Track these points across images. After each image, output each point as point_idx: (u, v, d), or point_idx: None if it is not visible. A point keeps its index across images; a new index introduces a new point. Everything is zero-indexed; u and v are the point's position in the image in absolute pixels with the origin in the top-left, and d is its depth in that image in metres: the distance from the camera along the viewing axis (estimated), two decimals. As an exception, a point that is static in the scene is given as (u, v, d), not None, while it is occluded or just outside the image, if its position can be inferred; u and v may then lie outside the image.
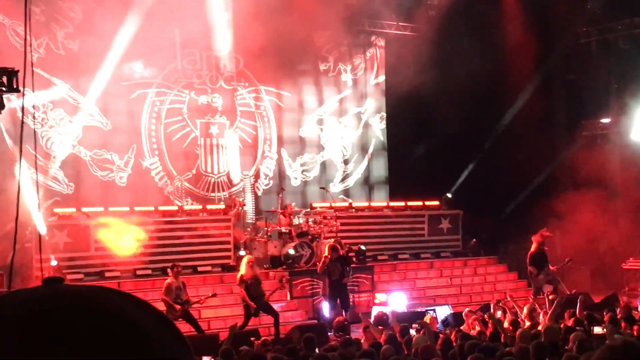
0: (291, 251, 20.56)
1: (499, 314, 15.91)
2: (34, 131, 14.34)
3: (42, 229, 17.98)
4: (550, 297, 19.40)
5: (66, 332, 1.50)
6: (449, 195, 25.08)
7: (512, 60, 22.50)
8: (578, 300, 16.05)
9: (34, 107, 19.28)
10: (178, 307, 15.96)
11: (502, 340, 11.67)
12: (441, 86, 24.22)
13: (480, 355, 8.50)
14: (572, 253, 22.15)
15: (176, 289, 16.10)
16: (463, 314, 15.54)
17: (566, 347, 9.64)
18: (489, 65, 23.12)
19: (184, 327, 16.48)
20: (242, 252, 20.23)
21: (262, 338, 14.10)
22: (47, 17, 20.82)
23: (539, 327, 12.83)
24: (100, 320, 1.53)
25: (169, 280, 16.26)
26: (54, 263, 18.51)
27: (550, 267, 20.54)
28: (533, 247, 20.63)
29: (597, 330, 12.53)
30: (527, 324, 14.26)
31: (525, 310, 15.59)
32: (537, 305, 16.19)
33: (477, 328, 14.06)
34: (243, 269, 17.16)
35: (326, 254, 18.85)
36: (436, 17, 25.06)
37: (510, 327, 13.30)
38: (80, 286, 1.66)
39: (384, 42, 26.98)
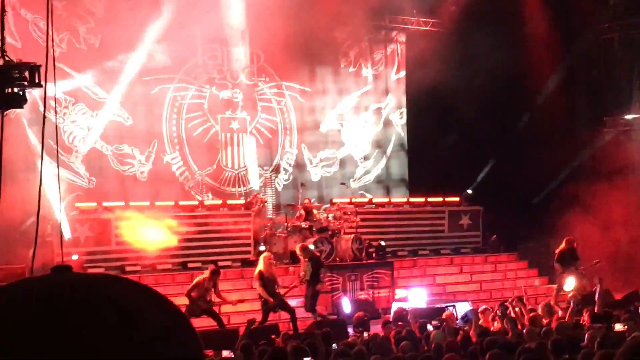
0: (311, 247, 20.55)
1: (516, 310, 15.85)
2: (56, 125, 14.38)
3: (65, 227, 18.15)
4: (570, 294, 19.38)
5: (66, 326, 1.50)
6: (470, 191, 25.01)
7: (534, 56, 22.38)
8: (596, 296, 15.93)
9: (55, 101, 19.41)
10: (202, 304, 16.10)
11: (516, 336, 11.62)
12: (462, 82, 24.16)
13: (500, 352, 8.48)
14: (594, 250, 22.02)
15: (204, 290, 16.21)
16: (479, 310, 15.49)
17: (582, 345, 9.59)
18: (510, 61, 23.00)
19: (205, 322, 16.57)
20: (262, 248, 20.25)
21: (283, 332, 14.11)
22: (69, 12, 20.89)
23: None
24: (106, 312, 1.54)
25: (201, 279, 16.35)
26: (75, 257, 18.62)
27: (579, 266, 20.39)
28: (562, 245, 20.48)
29: (618, 327, 12.45)
30: (545, 320, 14.18)
31: (540, 307, 15.52)
32: (553, 302, 16.11)
33: (497, 324, 14.02)
34: (262, 265, 17.16)
35: (299, 254, 18.07)
36: (457, 12, 24.98)
37: (527, 324, 13.25)
38: (88, 275, 1.66)
39: (404, 37, 26.95)
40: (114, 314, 1.54)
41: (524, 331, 12.06)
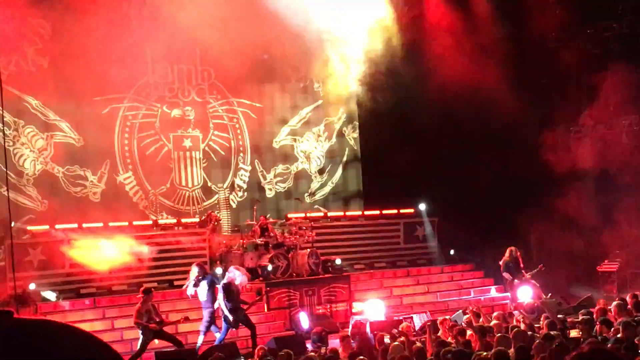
0: (266, 261, 20.53)
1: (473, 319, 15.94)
2: (4, 148, 14.22)
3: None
4: (525, 302, 19.60)
5: None
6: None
7: (485, 67, 22.54)
8: (549, 305, 16.10)
9: (4, 123, 19.16)
10: (153, 325, 15.91)
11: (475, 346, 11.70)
12: (414, 93, 24.28)
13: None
14: (548, 256, 22.29)
15: (147, 312, 16.04)
16: (438, 321, 15.56)
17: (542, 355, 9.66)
18: (461, 71, 23.15)
19: (162, 345, 16.45)
20: (218, 269, 20.09)
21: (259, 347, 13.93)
22: (16, 34, 20.68)
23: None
24: None
25: (138, 305, 16.17)
26: (32, 287, 18.39)
27: (524, 273, 20.75)
28: (506, 255, 20.92)
29: (573, 333, 12.59)
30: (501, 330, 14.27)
31: (495, 317, 15.62)
32: (511, 311, 16.24)
33: (453, 335, 14.08)
34: (229, 276, 17.06)
35: (195, 273, 17.31)
36: (407, 24, 25.10)
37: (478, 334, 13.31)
38: (27, 322, 1.67)
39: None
40: None
41: (484, 340, 12.14)
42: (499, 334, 12.34)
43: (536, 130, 24.03)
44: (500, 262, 21.15)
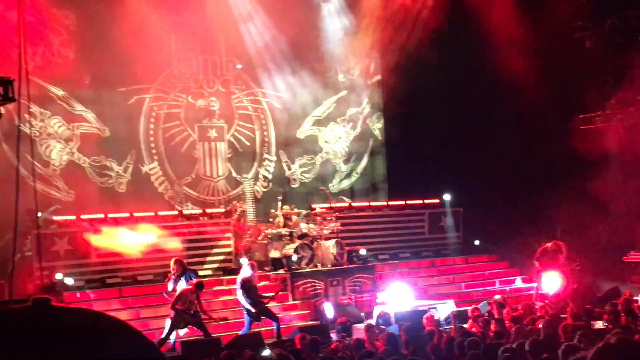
0: (291, 251, 20.56)
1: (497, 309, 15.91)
2: (31, 139, 14.32)
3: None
4: (552, 293, 19.50)
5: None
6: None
7: (508, 57, 22.39)
8: (577, 295, 16.02)
9: (30, 115, 19.29)
10: (186, 316, 16.02)
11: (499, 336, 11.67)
12: (439, 85, 24.21)
13: (479, 352, 8.51)
14: (574, 247, 22.13)
15: (188, 302, 16.13)
16: (469, 310, 15.52)
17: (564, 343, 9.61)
18: (485, 61, 23.04)
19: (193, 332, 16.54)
20: (243, 259, 20.18)
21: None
22: (42, 25, 20.80)
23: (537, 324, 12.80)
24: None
25: (185, 290, 16.23)
26: (59, 276, 18.51)
27: (554, 265, 20.54)
28: (549, 244, 20.60)
29: (598, 325, 12.53)
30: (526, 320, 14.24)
31: (521, 307, 15.59)
32: (536, 301, 16.19)
33: (480, 325, 14.07)
34: (245, 273, 17.12)
35: (172, 267, 17.12)
36: (428, 16, 25.01)
37: (511, 323, 13.31)
38: (68, 311, 1.69)
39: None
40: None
41: (512, 331, 12.11)
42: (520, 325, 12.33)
43: (564, 117, 23.84)
44: (538, 249, 20.84)
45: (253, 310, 16.74)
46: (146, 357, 1.80)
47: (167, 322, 16.13)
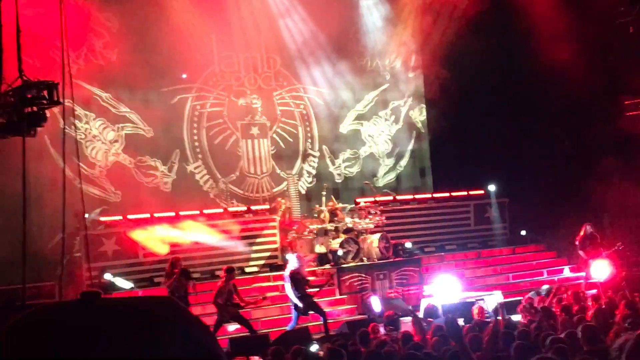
0: (337, 246, 20.57)
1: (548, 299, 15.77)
2: (76, 141, 14.45)
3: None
4: (602, 280, 19.29)
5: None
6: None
7: (550, 43, 22.17)
8: (624, 284, 15.82)
9: (75, 117, 19.50)
10: (231, 309, 16.04)
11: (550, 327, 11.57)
12: (481, 75, 24.04)
13: (525, 343, 8.44)
14: (623, 235, 21.88)
15: (227, 292, 16.12)
16: (522, 299, 15.40)
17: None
18: (527, 50, 22.83)
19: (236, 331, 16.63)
20: (289, 254, 20.26)
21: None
22: (84, 28, 21.01)
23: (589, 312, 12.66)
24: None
25: (220, 283, 16.29)
26: (108, 276, 18.71)
27: (602, 251, 20.35)
28: (581, 232, 20.56)
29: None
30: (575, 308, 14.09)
31: (570, 296, 15.44)
32: (584, 291, 16.02)
33: (529, 315, 13.96)
34: (293, 265, 17.10)
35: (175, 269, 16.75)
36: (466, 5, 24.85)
37: (563, 313, 13.18)
38: (117, 303, 1.70)
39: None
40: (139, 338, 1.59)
41: (559, 322, 12.00)
42: (574, 315, 12.21)
43: (608, 103, 23.57)
44: (576, 240, 20.81)
45: (300, 305, 16.73)
46: (204, 354, 1.78)
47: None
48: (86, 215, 16.81)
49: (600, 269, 19.77)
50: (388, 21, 25.75)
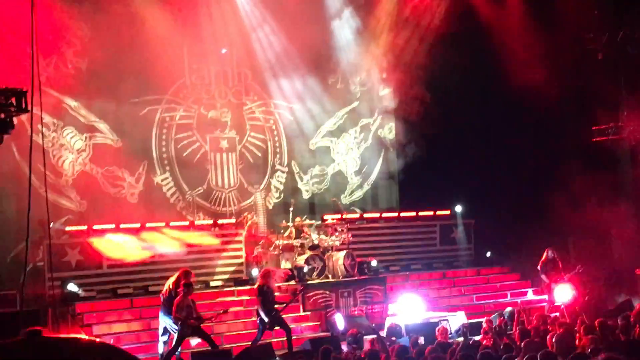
0: (302, 262, 20.57)
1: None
2: (43, 149, 14.32)
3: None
4: (563, 305, 19.43)
5: None
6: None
7: (520, 69, 22.36)
8: (589, 307, 15.94)
9: (43, 125, 19.36)
10: (192, 322, 15.84)
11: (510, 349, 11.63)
12: (451, 95, 24.19)
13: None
14: (586, 259, 22.06)
15: (187, 307, 15.96)
16: (483, 322, 15.45)
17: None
18: (497, 74, 23.01)
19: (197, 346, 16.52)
20: (254, 270, 20.25)
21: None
22: (55, 36, 20.88)
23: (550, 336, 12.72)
24: None
25: (179, 298, 16.09)
26: (73, 288, 18.56)
27: (563, 275, 20.54)
28: (543, 256, 20.75)
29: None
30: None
31: (533, 319, 15.52)
32: (548, 314, 16.10)
33: (491, 338, 14.00)
34: (262, 279, 17.02)
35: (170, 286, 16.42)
36: (438, 28, 25.02)
37: (525, 336, 13.23)
38: (60, 343, 1.70)
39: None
40: None
41: (521, 345, 12.06)
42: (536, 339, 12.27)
43: (576, 129, 23.80)
44: (539, 264, 20.99)
45: (266, 319, 16.63)
46: None
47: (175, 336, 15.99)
48: (51, 224, 16.66)
49: (563, 293, 19.90)
50: (360, 38, 25.84)
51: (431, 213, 25.21)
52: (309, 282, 20.30)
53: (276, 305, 16.95)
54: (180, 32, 22.31)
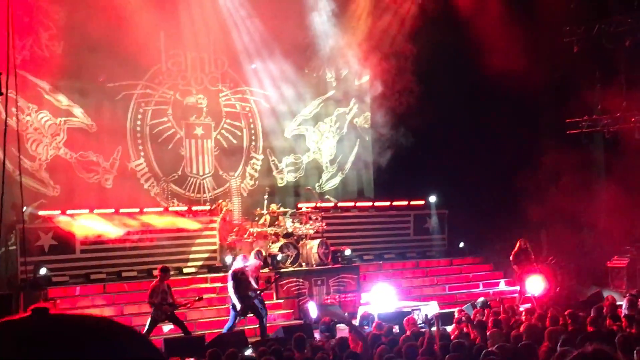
0: (276, 250, 20.60)
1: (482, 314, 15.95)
2: (17, 132, 14.24)
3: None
4: (536, 295, 19.58)
5: None
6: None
7: (495, 60, 22.43)
8: (559, 299, 16.07)
9: (17, 108, 19.24)
10: (166, 307, 15.84)
11: (482, 340, 11.71)
12: (427, 85, 24.26)
13: (459, 355, 8.54)
14: (558, 250, 22.25)
15: (162, 292, 15.96)
16: (455, 312, 15.55)
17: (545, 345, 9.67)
18: (472, 64, 23.08)
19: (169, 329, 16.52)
20: (228, 257, 20.25)
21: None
22: (30, 19, 20.72)
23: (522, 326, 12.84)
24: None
25: (155, 282, 16.13)
26: (43, 271, 18.49)
27: (535, 265, 20.71)
28: (516, 247, 20.91)
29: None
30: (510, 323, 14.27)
31: (504, 310, 15.63)
32: (519, 304, 16.23)
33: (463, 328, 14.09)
34: (237, 264, 17.03)
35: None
36: (415, 16, 25.07)
37: (496, 326, 13.32)
38: (68, 319, 1.71)
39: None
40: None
41: (488, 334, 12.15)
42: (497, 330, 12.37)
43: (551, 121, 23.96)
44: (511, 255, 21.14)
45: (239, 306, 16.59)
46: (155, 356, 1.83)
47: (148, 320, 16.01)
48: (24, 209, 16.57)
49: (535, 284, 20.06)
50: (337, 28, 25.82)
51: (405, 203, 25.31)
52: (282, 270, 20.33)
53: (249, 292, 16.94)
54: (157, 17, 22.17)
